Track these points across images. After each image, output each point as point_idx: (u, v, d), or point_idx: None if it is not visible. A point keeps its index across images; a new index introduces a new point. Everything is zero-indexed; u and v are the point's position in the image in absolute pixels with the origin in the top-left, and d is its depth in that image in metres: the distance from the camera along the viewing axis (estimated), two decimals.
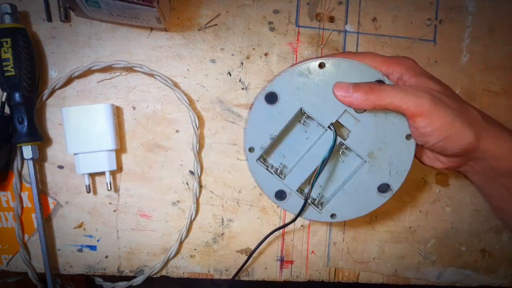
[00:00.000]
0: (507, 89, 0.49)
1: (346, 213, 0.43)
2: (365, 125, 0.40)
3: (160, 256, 0.49)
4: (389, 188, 0.41)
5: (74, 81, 0.46)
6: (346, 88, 0.38)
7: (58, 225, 0.48)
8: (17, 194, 0.46)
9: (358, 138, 0.40)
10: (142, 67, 0.46)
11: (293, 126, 0.43)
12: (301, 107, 0.40)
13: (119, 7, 0.40)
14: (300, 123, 0.43)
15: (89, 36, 0.46)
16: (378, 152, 0.40)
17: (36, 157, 0.44)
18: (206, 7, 0.47)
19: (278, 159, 0.44)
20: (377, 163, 0.41)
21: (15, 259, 0.48)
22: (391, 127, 0.40)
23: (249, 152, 0.42)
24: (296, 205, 0.43)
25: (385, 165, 0.41)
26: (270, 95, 0.40)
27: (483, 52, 0.48)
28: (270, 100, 0.40)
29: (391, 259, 0.50)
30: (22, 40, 0.42)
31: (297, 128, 0.43)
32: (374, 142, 0.40)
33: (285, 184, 0.43)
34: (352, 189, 0.42)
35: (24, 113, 0.43)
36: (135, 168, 0.48)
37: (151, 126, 0.47)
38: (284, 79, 0.40)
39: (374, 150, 0.40)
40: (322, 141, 0.41)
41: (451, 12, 0.48)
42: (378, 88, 0.37)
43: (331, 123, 0.40)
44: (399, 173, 0.41)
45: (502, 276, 0.50)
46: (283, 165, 0.44)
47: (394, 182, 0.41)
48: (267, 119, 0.40)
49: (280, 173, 0.43)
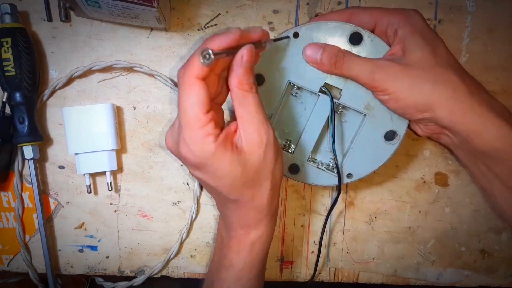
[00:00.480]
0: (506, 89, 0.49)
1: (361, 170, 0.43)
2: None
3: (160, 256, 0.49)
4: (395, 134, 0.42)
5: (74, 81, 0.47)
6: (316, 49, 0.40)
7: (59, 226, 0.48)
8: (18, 194, 0.46)
9: (351, 94, 0.41)
10: (143, 67, 0.46)
11: (288, 101, 0.43)
12: (288, 79, 0.41)
13: (119, 7, 0.40)
14: (293, 95, 0.43)
15: (89, 36, 0.46)
16: (373, 102, 0.41)
17: (37, 157, 0.45)
18: (206, 7, 0.47)
19: (283, 136, 0.45)
20: (376, 113, 0.41)
21: (16, 260, 0.48)
22: None
23: None
24: (311, 175, 0.44)
25: (385, 113, 0.41)
26: (256, 78, 0.40)
27: (483, 52, 0.48)
28: (258, 82, 0.41)
29: (390, 260, 0.50)
30: (23, 40, 0.42)
31: (292, 101, 0.44)
32: (367, 93, 0.41)
33: (295, 157, 0.43)
34: (360, 145, 0.42)
35: (24, 113, 0.43)
36: (136, 168, 0.48)
37: (152, 126, 0.47)
38: (265, 58, 0.40)
39: (369, 101, 0.41)
40: (319, 107, 0.42)
41: (450, 12, 0.48)
42: (341, 58, 0.39)
43: (320, 86, 0.41)
44: (400, 117, 0.41)
45: (502, 277, 0.50)
46: (289, 140, 0.44)
47: (398, 127, 0.41)
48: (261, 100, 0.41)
49: (288, 148, 0.44)
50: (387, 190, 0.49)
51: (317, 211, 0.49)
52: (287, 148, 0.44)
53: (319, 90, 0.41)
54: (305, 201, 0.49)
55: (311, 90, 0.41)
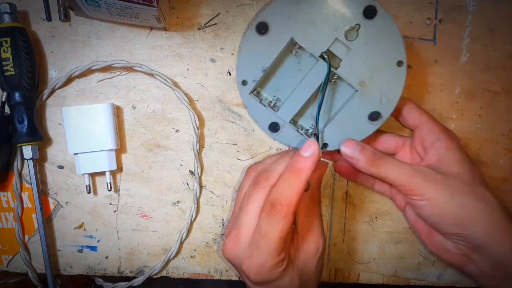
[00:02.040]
0: (507, 88, 0.48)
1: (337, 142, 0.43)
2: (357, 53, 0.40)
3: (160, 256, 0.49)
4: (380, 115, 0.41)
5: (74, 81, 0.46)
6: (354, 147, 0.40)
7: (59, 226, 0.48)
8: (18, 195, 0.46)
9: (350, 67, 0.41)
10: (142, 66, 0.46)
11: (285, 58, 0.43)
12: (292, 36, 0.40)
13: (118, 7, 0.40)
14: (292, 53, 0.42)
15: (88, 35, 0.46)
16: (369, 80, 0.41)
17: (36, 157, 0.44)
18: (205, 6, 0.46)
19: (272, 92, 0.44)
20: (368, 92, 0.41)
21: (16, 260, 0.48)
22: (382, 54, 0.40)
23: (242, 85, 0.42)
24: (289, 137, 0.44)
25: (376, 93, 0.41)
26: (260, 25, 0.40)
27: (483, 52, 0.48)
28: (261, 31, 0.40)
29: (391, 260, 0.50)
30: (22, 39, 0.42)
31: (289, 59, 0.43)
32: (365, 70, 0.40)
33: (278, 116, 0.43)
34: (343, 119, 0.42)
35: (24, 113, 0.43)
36: (135, 168, 0.47)
37: (151, 125, 0.47)
38: (274, 8, 0.39)
39: (365, 78, 0.41)
40: (314, 72, 0.41)
41: (451, 12, 0.48)
42: (379, 158, 0.40)
43: (322, 52, 0.40)
44: (390, 101, 0.41)
45: None
46: (276, 98, 0.44)
47: (384, 109, 0.41)
48: (259, 50, 0.41)
49: (273, 106, 0.43)
50: None
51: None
52: (273, 106, 0.43)
53: (319, 55, 0.41)
54: None
55: (312, 53, 0.41)
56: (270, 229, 0.35)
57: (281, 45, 0.40)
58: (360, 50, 0.40)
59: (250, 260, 0.36)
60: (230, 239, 0.38)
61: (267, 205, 0.35)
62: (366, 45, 0.40)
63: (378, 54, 0.40)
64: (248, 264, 0.36)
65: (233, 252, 0.37)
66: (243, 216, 0.37)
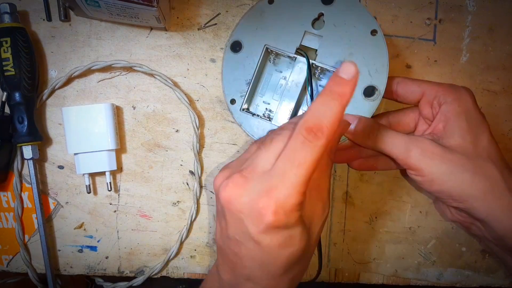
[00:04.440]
0: (507, 88, 0.48)
1: None
2: (329, 37, 0.41)
3: (160, 256, 0.49)
4: (375, 89, 0.41)
5: (74, 81, 0.46)
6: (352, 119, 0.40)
7: (59, 226, 0.48)
8: (18, 195, 0.46)
9: (327, 53, 0.41)
10: (142, 66, 0.46)
11: (265, 69, 0.44)
12: (265, 44, 0.42)
13: (118, 7, 0.40)
14: (270, 63, 0.44)
15: (88, 35, 0.46)
16: (350, 57, 0.41)
17: (36, 157, 0.44)
18: (205, 6, 0.46)
19: (263, 104, 0.45)
20: None
21: (16, 260, 0.48)
22: (354, 30, 0.41)
23: (232, 105, 0.43)
24: None
25: (362, 67, 0.41)
26: (234, 44, 0.42)
27: (483, 52, 0.48)
28: (236, 49, 0.42)
29: (391, 260, 0.50)
30: (22, 39, 0.42)
31: (270, 69, 0.44)
32: (343, 50, 0.41)
33: (274, 124, 0.44)
34: None
35: (24, 113, 0.43)
36: (135, 168, 0.47)
37: (151, 125, 0.47)
38: (242, 25, 0.42)
39: (345, 58, 0.41)
40: (296, 72, 0.43)
41: (450, 12, 0.48)
42: (375, 130, 0.39)
43: (296, 48, 0.42)
44: (379, 70, 0.41)
45: (502, 277, 0.50)
46: (269, 110, 0.45)
47: (377, 81, 0.41)
48: (238, 67, 0.43)
49: (267, 117, 0.44)
50: (387, 190, 0.49)
51: None
52: (267, 117, 0.44)
53: (295, 52, 0.42)
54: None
55: (288, 54, 0.42)
56: (303, 157, 0.29)
57: (257, 56, 0.42)
58: (331, 35, 0.41)
59: (269, 194, 0.29)
60: (234, 179, 0.31)
61: (302, 131, 0.30)
62: (336, 28, 0.41)
63: (350, 31, 0.41)
64: (266, 201, 0.29)
65: (240, 190, 0.31)
66: (262, 153, 0.32)
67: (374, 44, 0.41)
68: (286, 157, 0.30)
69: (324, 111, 0.30)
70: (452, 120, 0.38)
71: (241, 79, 0.43)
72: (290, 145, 0.30)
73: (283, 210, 0.30)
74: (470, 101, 0.39)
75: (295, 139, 0.30)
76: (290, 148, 0.30)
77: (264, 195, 0.30)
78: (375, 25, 0.41)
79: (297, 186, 0.29)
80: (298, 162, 0.29)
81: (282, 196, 0.29)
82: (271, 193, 0.30)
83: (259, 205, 0.30)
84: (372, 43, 0.41)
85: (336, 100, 0.30)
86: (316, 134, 0.29)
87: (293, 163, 0.30)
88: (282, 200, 0.29)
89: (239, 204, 0.31)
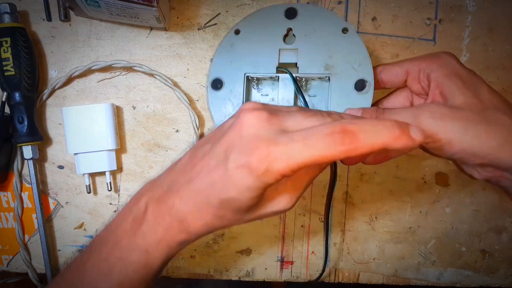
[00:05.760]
0: (507, 88, 0.48)
1: None
2: (304, 48, 0.42)
3: None
4: (365, 82, 0.41)
5: (74, 81, 0.46)
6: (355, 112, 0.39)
7: (59, 226, 0.48)
8: (18, 194, 0.46)
9: (307, 62, 0.42)
10: (142, 66, 0.46)
11: (251, 97, 0.44)
12: (244, 73, 0.42)
13: (118, 7, 0.40)
14: (255, 89, 0.44)
15: (88, 35, 0.46)
16: (331, 60, 0.41)
17: (36, 157, 0.44)
18: (205, 6, 0.47)
19: None
20: (338, 70, 0.41)
21: (16, 260, 0.48)
22: (326, 34, 0.42)
23: None
24: None
25: (345, 65, 0.41)
26: (215, 82, 0.43)
27: (483, 52, 0.48)
28: (217, 86, 0.43)
29: (391, 260, 0.50)
30: (22, 39, 0.42)
31: (256, 96, 0.45)
32: (321, 55, 0.42)
33: None
34: (336, 105, 0.42)
35: (24, 113, 0.43)
36: (135, 168, 0.47)
37: (151, 125, 0.47)
38: (216, 63, 0.43)
39: (327, 61, 0.41)
40: (282, 89, 0.43)
41: (450, 12, 0.48)
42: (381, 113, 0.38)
43: (276, 67, 0.42)
44: (362, 63, 0.41)
45: (502, 277, 0.50)
46: None
47: (364, 74, 0.41)
48: (225, 103, 0.42)
49: None
50: (387, 190, 0.49)
51: (317, 211, 0.49)
52: None
53: (276, 71, 0.42)
54: (305, 201, 0.49)
55: (269, 75, 0.42)
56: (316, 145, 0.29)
57: (240, 87, 0.42)
58: (305, 45, 0.42)
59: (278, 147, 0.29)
60: (267, 113, 0.31)
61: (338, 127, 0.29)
62: (307, 37, 0.42)
63: (322, 37, 0.42)
64: (273, 149, 0.29)
65: (265, 124, 0.31)
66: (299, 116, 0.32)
67: (349, 41, 0.41)
68: (310, 134, 0.29)
69: (370, 132, 0.29)
70: (446, 83, 0.37)
71: (230, 114, 0.42)
72: (320, 129, 0.29)
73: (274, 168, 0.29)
74: (454, 62, 0.38)
75: (328, 127, 0.29)
76: (317, 130, 0.29)
77: (273, 145, 0.29)
78: (343, 23, 0.41)
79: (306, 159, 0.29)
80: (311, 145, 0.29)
81: (284, 157, 0.29)
82: (279, 147, 0.29)
83: (266, 148, 0.29)
84: (347, 40, 0.41)
85: (390, 137, 0.29)
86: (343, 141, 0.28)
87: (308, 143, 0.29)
88: (288, 155, 0.29)
89: (255, 131, 0.31)
